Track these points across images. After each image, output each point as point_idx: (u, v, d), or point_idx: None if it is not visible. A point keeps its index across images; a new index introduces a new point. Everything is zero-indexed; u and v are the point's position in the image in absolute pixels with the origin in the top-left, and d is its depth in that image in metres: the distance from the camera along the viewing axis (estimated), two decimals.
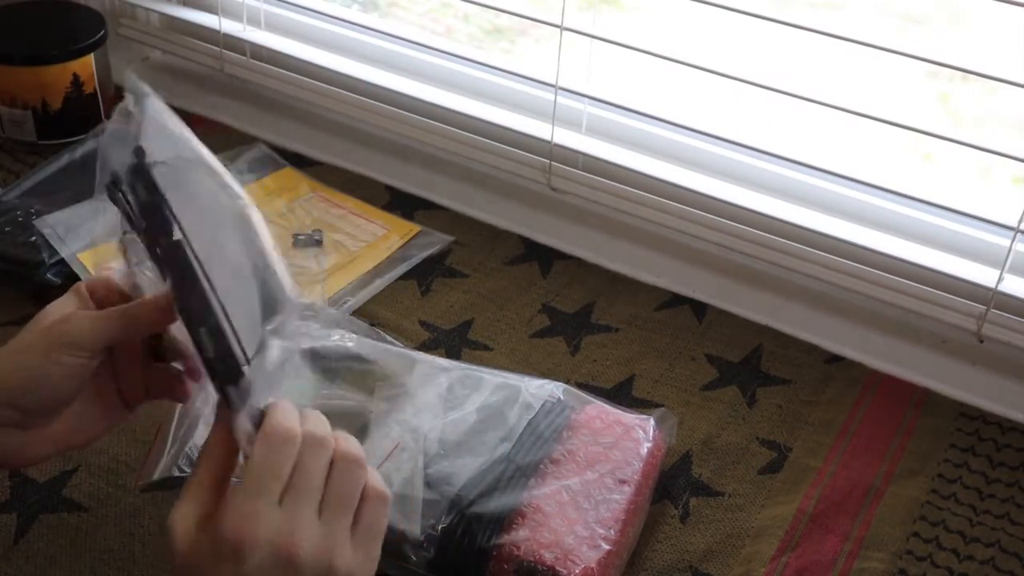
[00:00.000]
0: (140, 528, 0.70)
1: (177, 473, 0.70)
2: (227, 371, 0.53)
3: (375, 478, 0.54)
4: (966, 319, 0.85)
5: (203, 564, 0.50)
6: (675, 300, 0.92)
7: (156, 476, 0.70)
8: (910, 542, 0.72)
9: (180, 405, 0.71)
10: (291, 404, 0.54)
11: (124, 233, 0.58)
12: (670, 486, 0.75)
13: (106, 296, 0.62)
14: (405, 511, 0.66)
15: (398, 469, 0.68)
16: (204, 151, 0.59)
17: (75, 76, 1.04)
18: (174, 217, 0.53)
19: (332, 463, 0.53)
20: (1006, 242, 0.82)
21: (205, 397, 0.67)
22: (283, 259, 0.60)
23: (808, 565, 0.71)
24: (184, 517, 0.51)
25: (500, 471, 0.68)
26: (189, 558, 0.51)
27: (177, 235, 0.53)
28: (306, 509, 0.51)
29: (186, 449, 0.71)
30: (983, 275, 0.84)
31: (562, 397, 0.74)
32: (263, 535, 0.50)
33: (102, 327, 0.59)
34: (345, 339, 0.78)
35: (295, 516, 0.51)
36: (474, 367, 0.77)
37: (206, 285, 0.54)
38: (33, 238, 0.89)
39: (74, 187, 0.96)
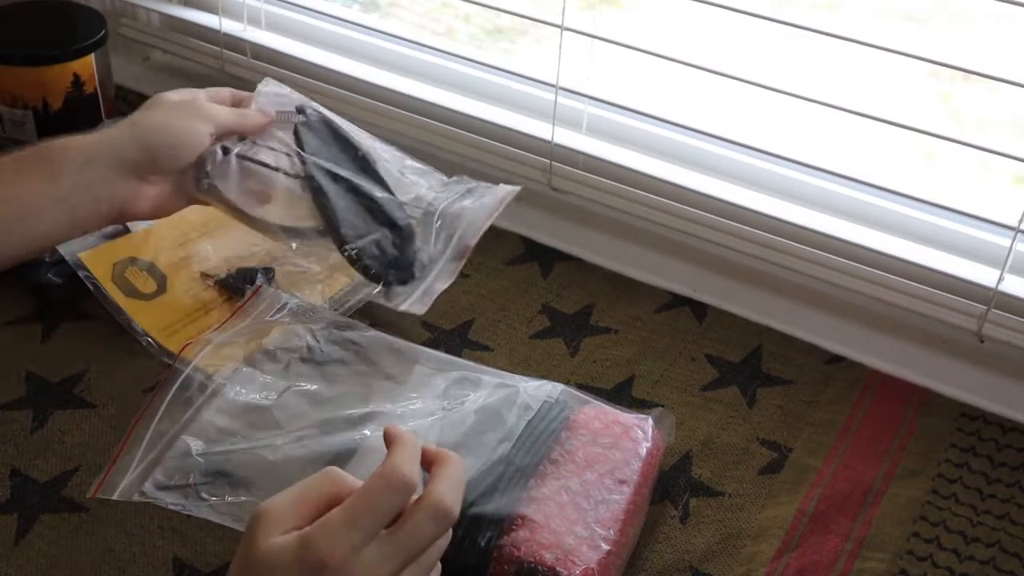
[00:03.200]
0: (141, 528, 0.70)
1: (138, 498, 0.66)
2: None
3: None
4: (967, 319, 0.85)
5: (279, 569, 0.51)
6: (675, 300, 0.92)
7: (116, 495, 0.66)
8: (911, 542, 0.72)
9: (155, 419, 0.69)
10: (415, 453, 0.56)
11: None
12: (670, 486, 0.75)
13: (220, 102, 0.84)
14: None
15: None
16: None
17: (76, 76, 1.04)
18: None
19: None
20: (1007, 242, 0.82)
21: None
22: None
23: (808, 565, 0.71)
24: (281, 519, 0.52)
25: (499, 472, 0.68)
26: (268, 557, 0.51)
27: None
28: (397, 564, 0.52)
29: (156, 474, 0.67)
30: (984, 275, 0.84)
31: (560, 398, 0.74)
32: (352, 569, 0.51)
33: (230, 115, 0.82)
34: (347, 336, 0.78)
35: (387, 564, 0.52)
36: (472, 367, 0.77)
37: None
38: None
39: None
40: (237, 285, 0.87)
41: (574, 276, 0.94)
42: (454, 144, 1.02)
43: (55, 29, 1.06)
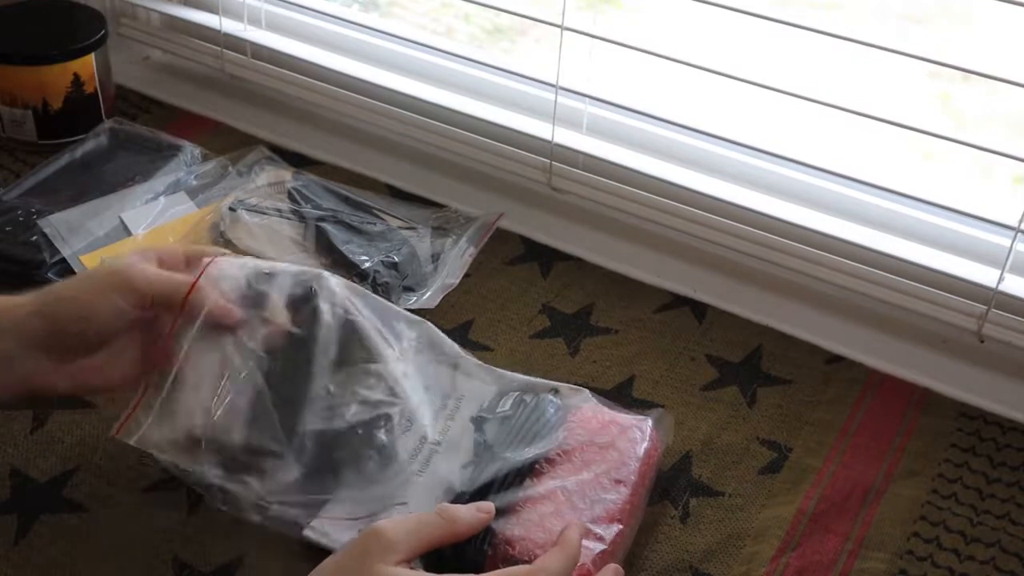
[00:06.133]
0: (141, 528, 0.70)
1: (155, 454, 0.68)
2: None
3: None
4: (967, 319, 0.85)
5: None
6: (675, 300, 0.92)
7: (133, 441, 0.68)
8: (911, 542, 0.72)
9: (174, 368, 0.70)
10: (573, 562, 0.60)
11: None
12: (670, 486, 0.75)
13: (172, 266, 0.69)
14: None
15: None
16: None
17: (76, 76, 1.04)
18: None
19: None
20: (1007, 242, 0.82)
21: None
22: None
23: (808, 565, 0.71)
24: (396, 547, 0.56)
25: (495, 471, 0.68)
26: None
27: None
28: None
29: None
30: (984, 275, 0.84)
31: (559, 398, 0.74)
32: None
33: (163, 284, 0.67)
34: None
35: None
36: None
37: None
38: (34, 237, 0.89)
39: (74, 187, 0.96)
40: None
41: (574, 276, 0.94)
42: (454, 144, 1.02)
43: (55, 29, 1.06)
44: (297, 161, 1.05)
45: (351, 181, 1.02)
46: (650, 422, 0.74)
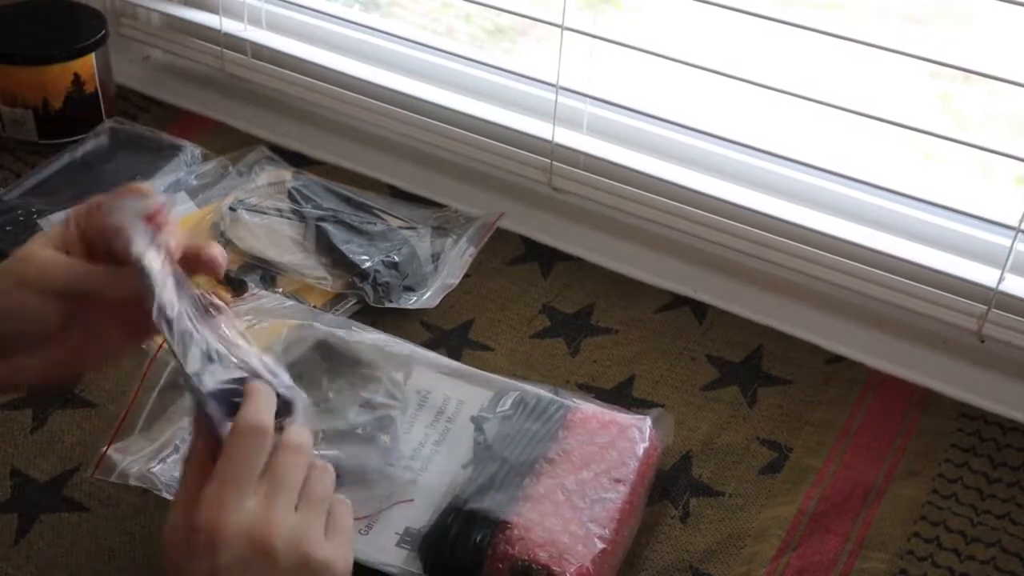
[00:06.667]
0: (141, 528, 0.70)
1: (134, 483, 0.69)
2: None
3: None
4: (967, 319, 0.85)
5: (182, 560, 0.50)
6: (675, 300, 0.92)
7: (113, 477, 0.71)
8: (911, 542, 0.72)
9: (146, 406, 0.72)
10: (267, 399, 0.54)
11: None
12: (670, 486, 0.75)
13: (93, 237, 0.58)
14: None
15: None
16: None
17: (76, 76, 1.04)
18: None
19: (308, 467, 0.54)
20: (1007, 242, 0.82)
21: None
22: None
23: (809, 565, 0.71)
24: (173, 522, 0.52)
25: (495, 470, 0.68)
26: (171, 558, 0.51)
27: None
28: (282, 501, 0.51)
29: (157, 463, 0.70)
30: (984, 275, 0.84)
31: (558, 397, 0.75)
32: (237, 525, 0.50)
33: (66, 275, 0.57)
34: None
35: (271, 507, 0.51)
36: (468, 371, 0.77)
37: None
38: None
39: (75, 187, 0.96)
40: (240, 279, 0.87)
41: (574, 276, 0.94)
42: (454, 144, 1.02)
43: (55, 29, 1.06)
44: (297, 161, 1.05)
45: (351, 181, 1.02)
46: (649, 422, 0.74)
